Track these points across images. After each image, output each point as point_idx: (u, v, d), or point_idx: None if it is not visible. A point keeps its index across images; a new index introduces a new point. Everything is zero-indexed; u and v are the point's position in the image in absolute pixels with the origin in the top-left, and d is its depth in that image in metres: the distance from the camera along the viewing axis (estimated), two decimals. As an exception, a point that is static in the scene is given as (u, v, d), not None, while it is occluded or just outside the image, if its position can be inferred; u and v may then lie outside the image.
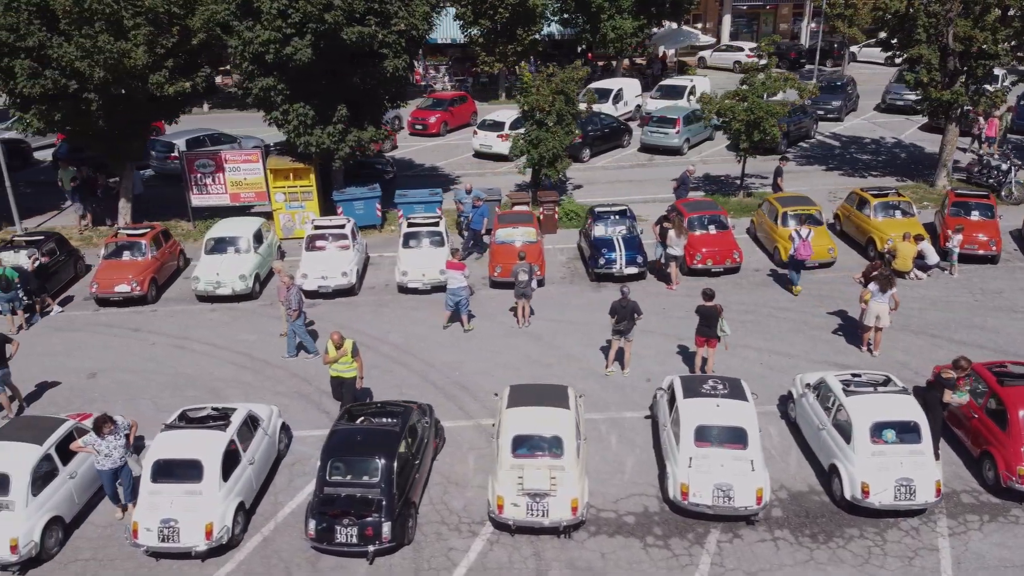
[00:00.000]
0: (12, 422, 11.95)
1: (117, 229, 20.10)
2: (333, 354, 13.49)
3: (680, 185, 23.11)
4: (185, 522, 10.60)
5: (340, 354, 13.46)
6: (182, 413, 12.02)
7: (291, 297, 15.74)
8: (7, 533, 10.54)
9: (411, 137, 33.68)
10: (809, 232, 18.32)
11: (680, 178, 23.62)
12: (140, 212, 23.68)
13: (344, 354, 13.47)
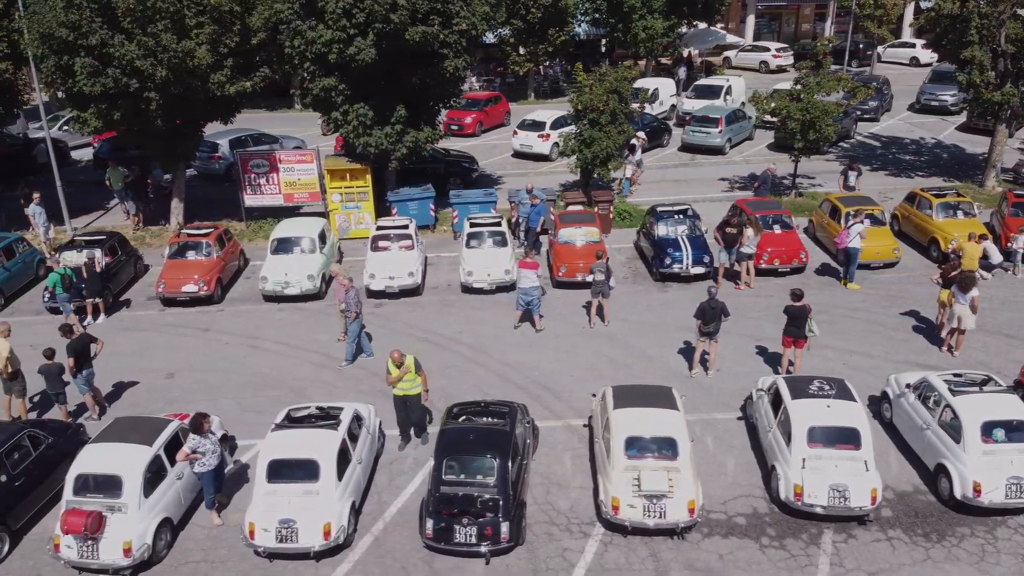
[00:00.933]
0: (117, 423, 11.83)
1: (180, 229, 20.00)
2: (396, 372, 12.74)
3: (761, 184, 22.95)
4: (303, 522, 10.52)
5: (403, 371, 12.76)
6: (288, 413, 11.94)
7: (349, 300, 15.60)
8: (121, 536, 10.45)
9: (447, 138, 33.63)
10: (854, 223, 18.41)
11: (761, 176, 23.34)
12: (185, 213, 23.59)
13: (407, 371, 12.80)
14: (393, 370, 12.83)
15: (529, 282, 16.58)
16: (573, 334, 16.87)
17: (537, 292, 16.68)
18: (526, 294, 16.68)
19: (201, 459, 11.31)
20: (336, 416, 11.76)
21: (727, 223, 18.77)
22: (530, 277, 16.60)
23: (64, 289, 17.73)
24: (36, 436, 12.03)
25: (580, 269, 18.56)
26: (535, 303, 16.76)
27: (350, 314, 15.68)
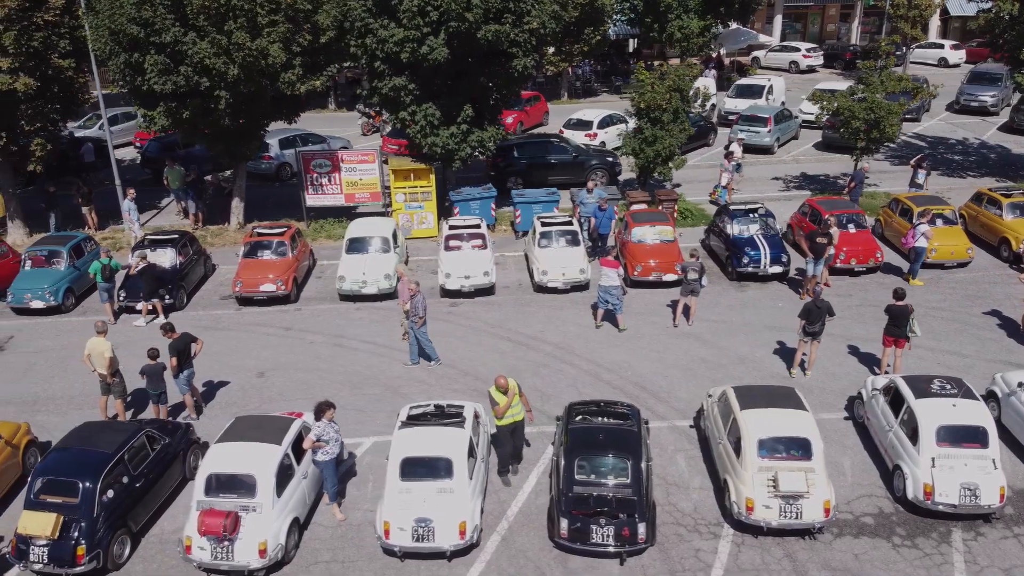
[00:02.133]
0: (240, 422, 11.73)
1: (253, 228, 19.91)
2: (504, 400, 11.82)
3: (857, 183, 22.81)
4: (440, 521, 10.46)
5: (510, 397, 11.91)
6: (409, 410, 11.87)
7: (417, 304, 15.39)
8: (256, 536, 10.37)
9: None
10: (920, 223, 18.41)
11: (855, 175, 23.10)
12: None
13: (514, 395, 12.00)
14: (500, 398, 11.86)
15: (610, 280, 16.47)
16: (658, 334, 16.80)
17: (618, 291, 16.63)
18: (608, 293, 16.59)
19: (324, 447, 11.26)
20: (460, 414, 11.71)
21: (818, 233, 17.96)
22: (611, 276, 16.49)
23: (104, 279, 17.78)
24: (153, 436, 11.95)
25: (656, 268, 18.52)
26: (618, 303, 16.73)
27: (417, 320, 15.47)
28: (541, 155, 26.10)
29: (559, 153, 26.19)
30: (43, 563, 10.35)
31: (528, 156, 25.98)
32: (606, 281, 16.58)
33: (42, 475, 10.77)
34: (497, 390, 11.94)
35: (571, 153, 26.14)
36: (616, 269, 16.59)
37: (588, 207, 20.58)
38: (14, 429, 12.73)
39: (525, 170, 25.57)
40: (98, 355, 13.49)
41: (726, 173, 24.23)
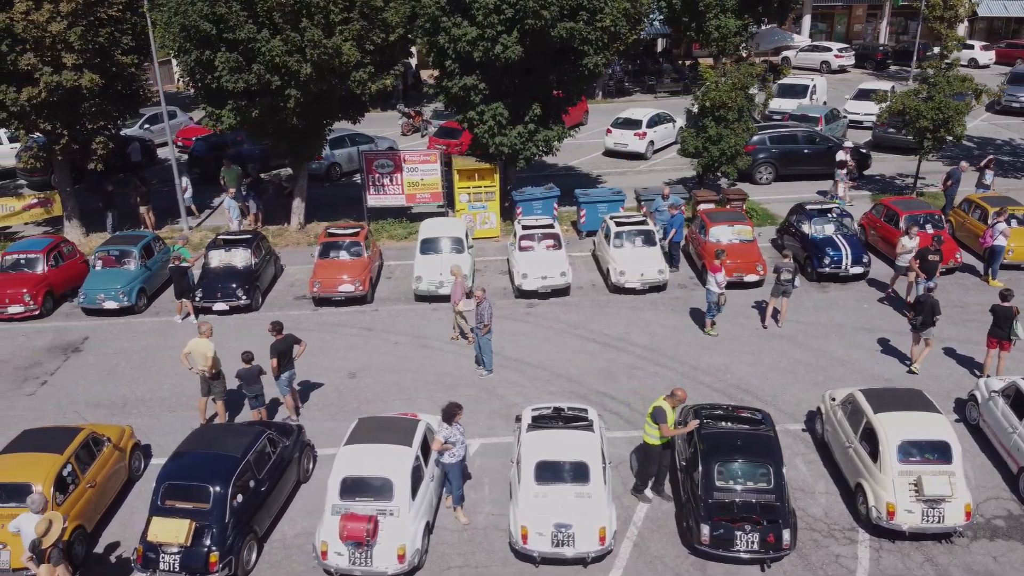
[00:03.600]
0: (365, 424, 11.48)
1: (327, 229, 19.68)
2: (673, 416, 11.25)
3: (953, 182, 22.56)
4: (580, 527, 10.25)
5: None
6: (532, 413, 11.66)
7: (483, 311, 14.98)
8: (395, 541, 10.16)
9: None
10: (997, 222, 18.26)
11: (952, 174, 22.74)
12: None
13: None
14: (671, 414, 11.20)
15: (714, 286, 16.10)
16: (749, 335, 16.60)
17: (713, 297, 16.25)
18: (710, 295, 16.24)
19: (452, 449, 11.06)
20: (586, 417, 11.51)
21: (929, 251, 16.80)
22: (711, 280, 16.12)
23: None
24: (273, 439, 11.74)
25: (736, 268, 18.31)
26: (712, 307, 16.35)
27: (482, 327, 15.11)
28: (793, 145, 26.12)
29: (811, 143, 26.25)
30: (175, 571, 10.13)
31: (779, 146, 26.02)
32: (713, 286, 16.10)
33: (169, 480, 10.57)
34: (669, 406, 11.27)
35: (824, 143, 26.09)
36: (718, 274, 16.07)
37: (665, 214, 20.08)
38: (120, 433, 12.52)
39: (777, 160, 25.57)
40: (200, 355, 13.28)
41: (841, 183, 23.46)
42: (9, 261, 18.83)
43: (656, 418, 11.25)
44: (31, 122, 20.24)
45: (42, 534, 9.22)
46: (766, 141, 26.22)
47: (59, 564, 9.27)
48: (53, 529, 9.30)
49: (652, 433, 11.30)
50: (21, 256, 18.81)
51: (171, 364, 16.05)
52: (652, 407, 11.38)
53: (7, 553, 10.27)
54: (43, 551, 9.20)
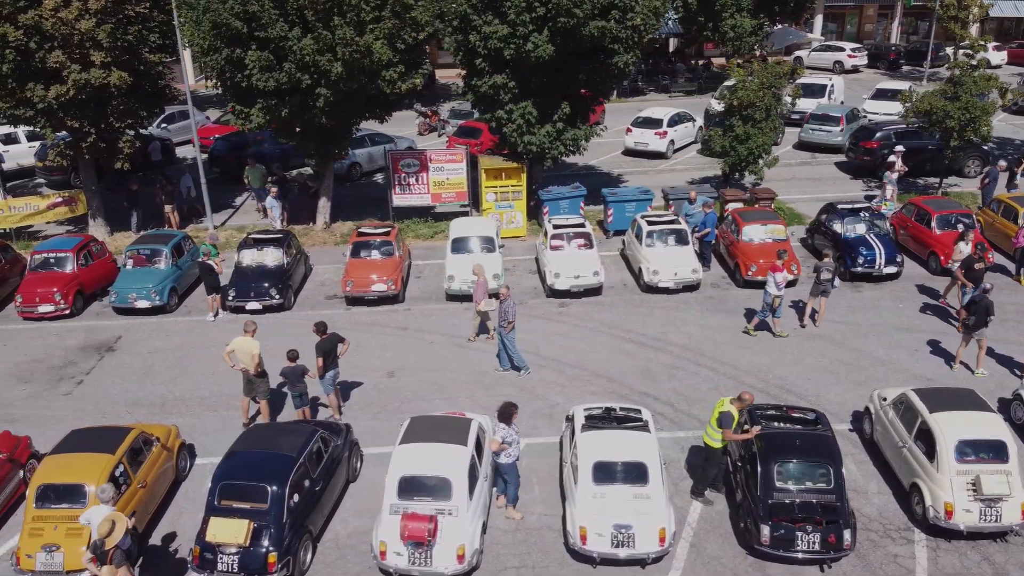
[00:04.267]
0: (418, 423, 11.39)
1: (358, 228, 19.61)
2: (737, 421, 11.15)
3: (991, 181, 22.47)
4: (639, 527, 10.19)
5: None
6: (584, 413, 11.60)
7: (507, 309, 14.96)
8: (454, 541, 10.10)
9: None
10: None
11: (989, 173, 22.62)
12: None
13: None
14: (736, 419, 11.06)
15: (773, 288, 15.88)
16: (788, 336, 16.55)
17: (768, 298, 16.01)
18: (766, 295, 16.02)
19: (508, 449, 11.01)
20: (640, 418, 11.46)
21: (974, 259, 16.47)
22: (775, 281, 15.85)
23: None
24: (325, 438, 11.68)
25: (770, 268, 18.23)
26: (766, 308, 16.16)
27: (506, 325, 15.08)
28: (919, 141, 25.52)
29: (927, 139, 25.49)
30: (233, 572, 10.06)
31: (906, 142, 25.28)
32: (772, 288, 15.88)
33: (225, 480, 10.51)
34: (732, 406, 11.17)
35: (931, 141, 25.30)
36: (779, 273, 15.84)
37: (695, 217, 19.89)
38: (167, 432, 12.46)
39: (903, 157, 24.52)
40: (245, 353, 13.22)
41: (889, 185, 22.82)
42: (38, 260, 18.75)
43: (722, 422, 11.16)
44: (58, 120, 20.16)
45: (105, 534, 9.17)
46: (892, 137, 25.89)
47: (122, 566, 9.21)
48: (116, 530, 9.26)
49: (715, 436, 11.23)
50: (51, 255, 18.73)
51: (208, 363, 16.04)
52: (717, 411, 11.29)
53: (60, 555, 10.21)
54: (106, 552, 9.15)
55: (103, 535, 9.19)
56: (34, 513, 10.48)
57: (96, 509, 9.86)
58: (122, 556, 9.21)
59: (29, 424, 14.02)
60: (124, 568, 9.24)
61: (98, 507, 9.90)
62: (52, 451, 11.23)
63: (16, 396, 15.20)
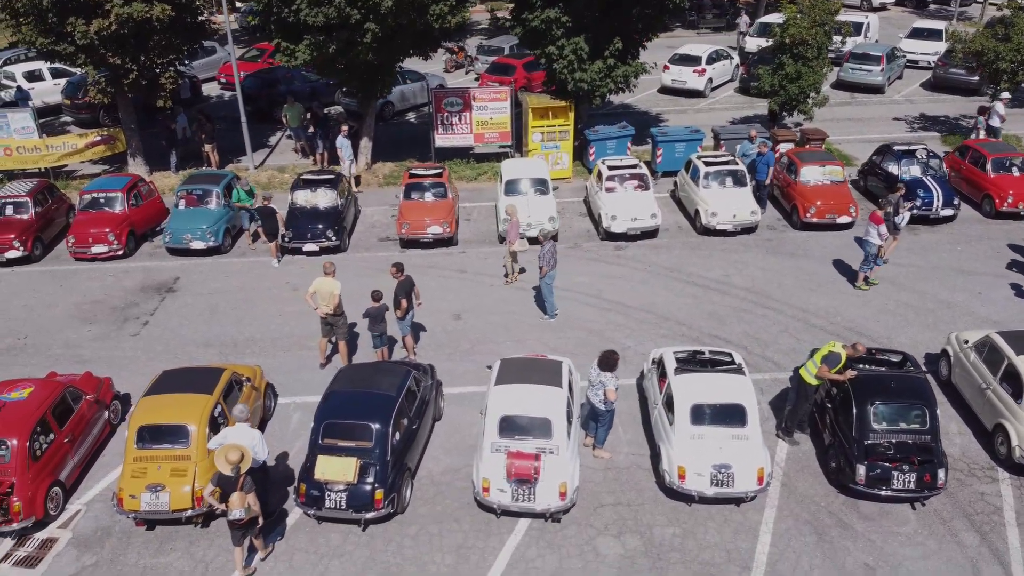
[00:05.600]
0: (510, 364, 11.47)
1: (409, 170, 19.34)
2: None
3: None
4: (738, 468, 10.37)
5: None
6: (675, 356, 11.66)
7: (545, 252, 14.92)
8: (556, 479, 10.25)
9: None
10: None
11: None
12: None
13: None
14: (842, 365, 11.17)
15: (872, 237, 15.51)
16: (845, 278, 16.50)
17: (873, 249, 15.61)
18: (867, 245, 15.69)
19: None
20: (732, 360, 11.53)
21: None
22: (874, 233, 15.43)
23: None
24: (418, 378, 11.76)
25: (830, 209, 18.17)
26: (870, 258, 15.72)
27: (543, 268, 15.02)
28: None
29: None
30: (341, 508, 10.25)
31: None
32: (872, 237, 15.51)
33: (329, 419, 10.60)
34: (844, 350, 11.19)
35: None
36: (879, 226, 15.50)
37: (750, 157, 19.56)
38: (253, 372, 12.51)
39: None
40: (326, 294, 13.18)
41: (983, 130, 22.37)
42: (87, 200, 18.52)
43: (828, 361, 11.19)
44: (99, 56, 19.64)
45: (236, 461, 9.44)
46: None
47: (251, 492, 9.45)
48: (247, 457, 9.55)
49: (814, 372, 11.33)
50: (100, 195, 18.48)
51: (273, 304, 16.06)
52: (826, 349, 11.34)
53: (166, 495, 10.32)
54: (236, 479, 9.41)
55: (234, 462, 9.44)
56: (135, 454, 10.56)
57: (231, 430, 10.23)
58: (251, 483, 9.46)
59: (100, 365, 14.04)
60: (252, 495, 9.48)
61: (233, 427, 10.30)
62: (148, 392, 11.27)
63: (83, 337, 15.23)
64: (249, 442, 10.00)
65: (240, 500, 9.29)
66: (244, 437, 10.12)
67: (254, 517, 9.56)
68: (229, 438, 10.06)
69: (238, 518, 9.32)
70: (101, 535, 10.69)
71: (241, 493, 9.31)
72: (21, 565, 10.33)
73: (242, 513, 9.32)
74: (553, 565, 9.98)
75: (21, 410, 11.00)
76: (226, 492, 9.36)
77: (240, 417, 10.33)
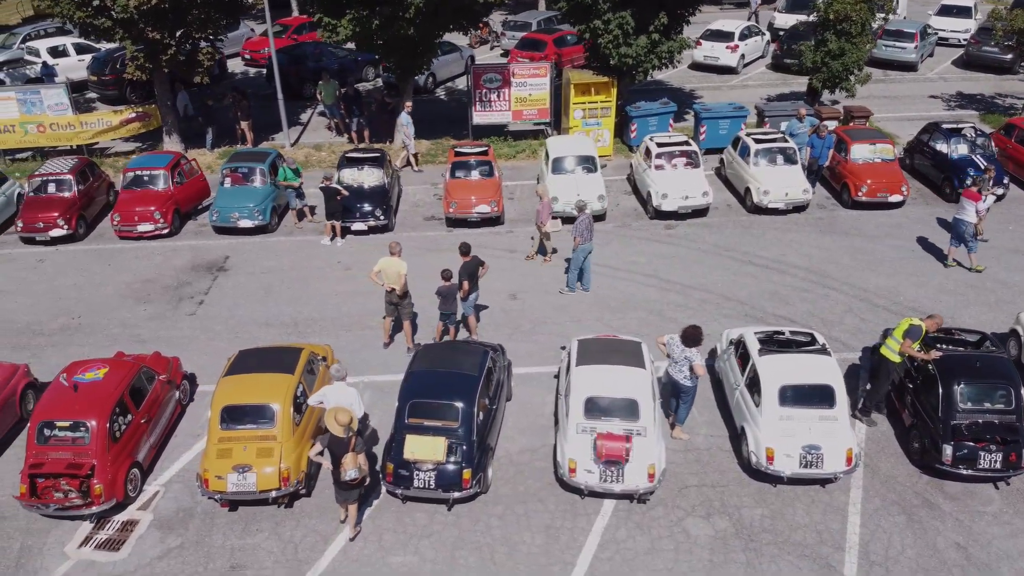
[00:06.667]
0: (588, 344, 11.38)
1: (454, 148, 19.12)
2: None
3: None
4: (828, 448, 10.32)
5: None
6: (756, 336, 11.59)
7: (580, 224, 14.93)
8: (645, 460, 10.21)
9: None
10: None
11: None
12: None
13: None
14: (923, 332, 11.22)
15: (967, 215, 15.26)
16: (904, 257, 16.40)
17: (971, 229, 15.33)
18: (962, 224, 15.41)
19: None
20: (815, 340, 11.45)
21: None
22: (970, 210, 15.19)
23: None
24: (495, 358, 11.68)
25: (881, 188, 18.02)
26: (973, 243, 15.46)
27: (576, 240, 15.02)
28: None
29: None
30: (430, 488, 10.21)
31: None
32: (965, 215, 15.27)
33: (414, 399, 10.53)
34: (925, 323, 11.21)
35: None
36: (977, 202, 15.19)
37: (800, 137, 19.30)
38: (325, 351, 12.41)
39: None
40: (393, 273, 13.06)
41: None
42: (130, 177, 18.30)
43: (910, 334, 11.15)
44: (138, 31, 19.32)
45: (347, 423, 9.55)
46: None
47: (361, 452, 9.60)
48: (355, 418, 9.71)
49: (896, 349, 11.27)
50: (144, 172, 18.24)
51: (326, 283, 15.95)
52: (908, 323, 11.29)
53: (253, 475, 10.27)
54: (348, 440, 9.53)
55: (344, 423, 9.55)
56: (220, 434, 10.49)
57: (330, 388, 10.52)
58: (362, 443, 9.59)
59: (161, 345, 13.90)
60: (363, 455, 9.64)
61: (331, 386, 10.57)
62: (228, 372, 11.18)
63: (139, 317, 15.09)
64: (347, 400, 10.26)
65: (353, 460, 9.48)
66: (343, 395, 10.41)
67: (364, 477, 9.73)
68: (328, 396, 10.34)
69: (352, 478, 9.52)
70: (183, 516, 10.65)
71: (353, 454, 9.49)
72: (104, 548, 10.28)
73: (356, 473, 9.52)
74: (644, 546, 9.98)
75: (99, 391, 10.90)
76: (338, 454, 9.49)
77: (337, 376, 10.63)
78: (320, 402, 10.62)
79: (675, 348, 11.14)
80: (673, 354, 11.18)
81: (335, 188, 16.94)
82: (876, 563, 9.75)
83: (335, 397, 10.36)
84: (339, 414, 9.49)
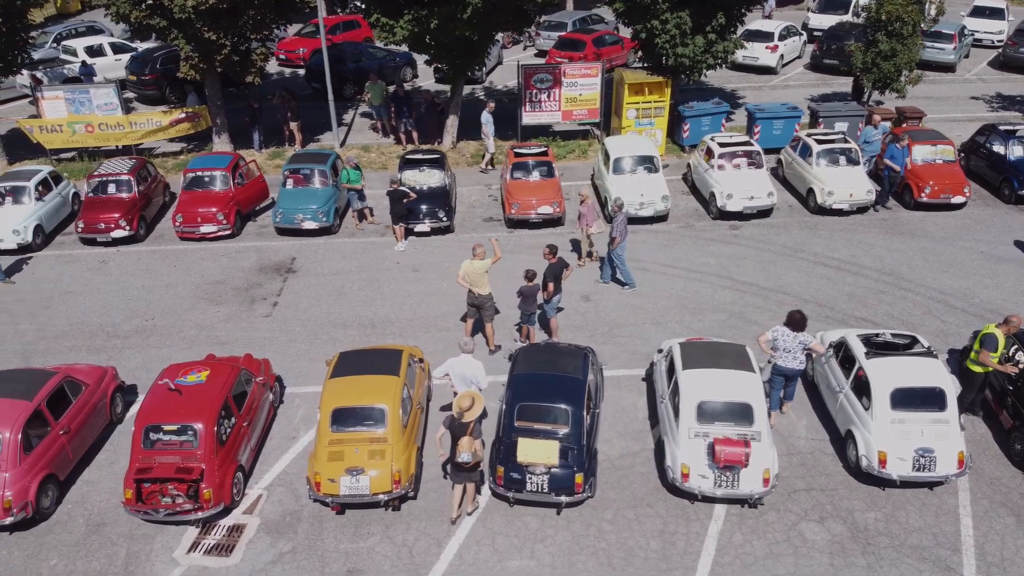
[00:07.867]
0: (693, 347, 11.33)
1: (512, 148, 19.05)
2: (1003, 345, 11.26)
3: None
4: (940, 451, 10.31)
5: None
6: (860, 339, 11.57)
7: (617, 223, 14.96)
8: (761, 465, 10.14)
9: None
10: None
11: None
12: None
13: None
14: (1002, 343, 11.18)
15: None
16: (974, 258, 16.41)
17: None
18: None
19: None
20: (921, 343, 11.41)
21: None
22: None
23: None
24: (593, 361, 11.64)
25: (944, 189, 18.01)
26: None
27: (615, 241, 15.07)
28: None
29: None
30: (543, 491, 10.16)
31: None
32: None
33: (522, 402, 10.48)
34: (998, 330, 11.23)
35: None
36: None
37: (875, 144, 19.17)
38: (418, 354, 12.35)
39: None
40: (478, 276, 13.02)
41: None
42: (191, 178, 18.21)
43: (985, 344, 11.19)
44: (193, 31, 19.22)
45: (467, 408, 9.70)
46: None
47: (479, 438, 9.75)
48: (476, 405, 9.84)
49: (977, 360, 11.30)
50: (205, 173, 18.16)
51: (397, 284, 15.91)
52: (982, 333, 11.31)
53: (366, 479, 10.21)
54: (466, 424, 9.68)
55: (464, 408, 9.71)
56: (331, 436, 10.42)
57: (457, 360, 10.92)
58: (480, 430, 9.65)
59: (240, 347, 13.89)
60: (479, 441, 9.78)
61: (458, 358, 10.97)
62: (333, 374, 11.09)
63: (214, 319, 15.03)
64: (472, 371, 10.74)
65: (469, 444, 9.61)
66: (468, 368, 10.83)
67: (478, 463, 9.82)
68: (454, 368, 10.76)
69: (465, 461, 9.64)
70: (291, 520, 10.59)
71: (470, 438, 9.62)
72: (214, 553, 10.22)
73: (469, 456, 9.62)
74: (763, 551, 9.95)
75: (204, 394, 10.83)
76: (456, 435, 9.64)
77: (465, 348, 11.07)
78: (445, 374, 11.06)
79: (786, 338, 11.24)
80: (785, 344, 11.26)
81: (403, 191, 16.84)
82: (993, 564, 9.74)
83: (461, 368, 10.86)
84: (462, 399, 9.77)
